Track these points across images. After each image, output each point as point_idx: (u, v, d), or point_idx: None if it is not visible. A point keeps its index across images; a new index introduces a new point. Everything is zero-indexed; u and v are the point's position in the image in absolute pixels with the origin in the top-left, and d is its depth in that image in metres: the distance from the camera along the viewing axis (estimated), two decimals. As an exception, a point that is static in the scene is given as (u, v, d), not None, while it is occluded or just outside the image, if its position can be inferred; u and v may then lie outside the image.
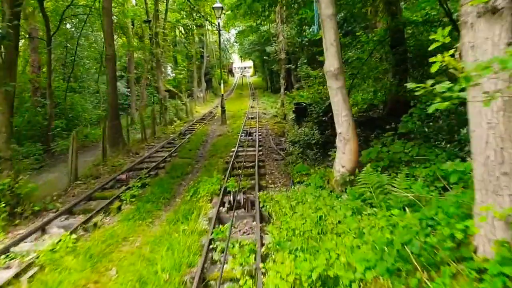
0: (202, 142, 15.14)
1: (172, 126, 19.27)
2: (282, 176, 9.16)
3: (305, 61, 23.40)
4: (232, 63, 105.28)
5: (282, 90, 24.41)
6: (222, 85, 21.28)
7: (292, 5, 17.67)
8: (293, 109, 16.90)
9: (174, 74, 58.52)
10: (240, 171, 9.15)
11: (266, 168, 10.00)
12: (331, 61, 6.88)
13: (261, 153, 11.94)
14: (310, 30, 28.43)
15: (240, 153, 11.95)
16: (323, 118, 13.28)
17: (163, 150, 13.63)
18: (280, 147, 13.00)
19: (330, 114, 13.76)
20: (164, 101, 19.87)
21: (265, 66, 54.59)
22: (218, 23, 20.52)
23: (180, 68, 34.76)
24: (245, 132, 16.31)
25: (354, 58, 18.47)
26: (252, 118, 22.05)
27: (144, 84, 29.06)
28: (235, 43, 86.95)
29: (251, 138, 14.78)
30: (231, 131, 17.54)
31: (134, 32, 25.59)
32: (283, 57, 23.72)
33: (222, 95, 21.08)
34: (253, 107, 29.87)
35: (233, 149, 12.50)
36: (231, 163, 10.08)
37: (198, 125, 20.53)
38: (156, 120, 19.65)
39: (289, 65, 25.95)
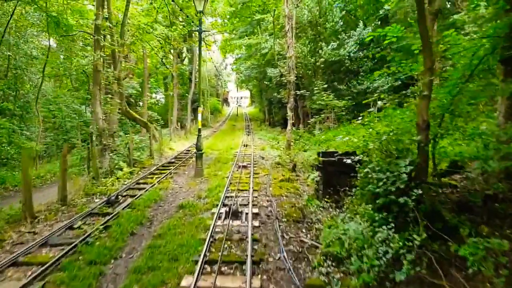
0: (138, 229, 7.42)
1: (111, 179, 11.59)
2: None
3: (324, 85, 16.22)
4: (228, 92, 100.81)
5: (289, 126, 17.09)
6: (200, 115, 13.80)
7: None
8: (319, 163, 9.37)
9: (163, 100, 51.60)
10: None
11: None
12: None
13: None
14: (329, 47, 21.63)
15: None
16: (402, 200, 5.76)
17: (34, 259, 5.92)
18: (306, 275, 5.31)
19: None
20: (103, 137, 12.28)
21: (263, 96, 48.00)
22: (200, 21, 13.43)
23: (151, 90, 27.51)
24: (228, 203, 8.69)
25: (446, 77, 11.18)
26: (244, 166, 14.47)
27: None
28: (231, 72, 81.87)
29: (238, 227, 7.13)
30: (204, 196, 9.91)
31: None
32: (292, 79, 16.66)
33: (199, 130, 13.56)
34: (247, 146, 22.39)
35: (188, 279, 4.88)
36: None
37: (157, 176, 12.87)
38: (91, 167, 11.95)
39: (301, 91, 18.62)
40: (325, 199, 8.65)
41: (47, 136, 22.82)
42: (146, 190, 10.58)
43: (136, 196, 9.83)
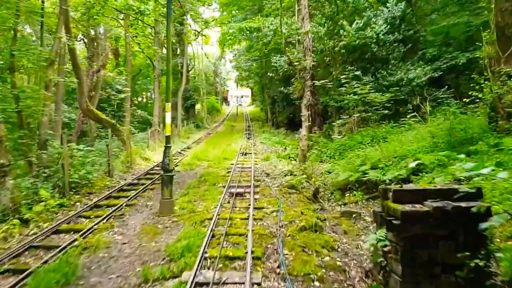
0: None
1: (5, 227, 6.69)
2: None
3: (356, 72, 11.00)
4: (227, 91, 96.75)
5: (304, 130, 12.19)
6: (169, 116, 8.73)
7: None
8: (389, 215, 4.42)
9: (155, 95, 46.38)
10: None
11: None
12: None
13: None
14: (353, 26, 16.69)
15: None
16: None
17: None
18: None
19: None
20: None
21: (265, 93, 43.11)
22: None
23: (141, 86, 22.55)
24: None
25: None
26: (240, 194, 9.48)
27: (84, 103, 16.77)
28: (231, 70, 76.95)
29: None
30: (156, 276, 4.96)
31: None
32: (309, 64, 11.74)
33: (167, 139, 8.50)
34: (246, 155, 17.45)
35: None
36: None
37: (98, 214, 7.95)
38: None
39: (321, 82, 13.28)
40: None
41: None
42: (54, 256, 5.66)
43: (16, 281, 4.90)
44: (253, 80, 54.98)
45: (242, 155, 17.22)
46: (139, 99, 57.72)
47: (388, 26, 17.00)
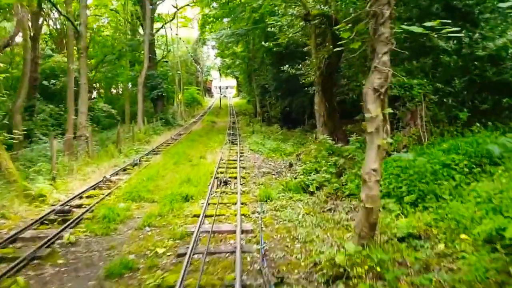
0: None
1: None
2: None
3: None
4: (211, 81, 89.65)
5: (373, 157, 4.57)
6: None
7: None
8: None
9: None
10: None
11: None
12: None
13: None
14: None
15: None
16: None
17: None
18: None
19: None
20: None
21: (253, 83, 35.37)
22: None
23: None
24: None
25: None
26: None
27: None
28: (214, 58, 69.23)
29: None
30: None
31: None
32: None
33: None
34: (227, 184, 9.83)
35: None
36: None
37: None
38: None
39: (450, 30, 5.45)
40: None
41: None
42: None
43: None
44: (238, 68, 47.26)
45: (221, 184, 9.55)
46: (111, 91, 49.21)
47: None
